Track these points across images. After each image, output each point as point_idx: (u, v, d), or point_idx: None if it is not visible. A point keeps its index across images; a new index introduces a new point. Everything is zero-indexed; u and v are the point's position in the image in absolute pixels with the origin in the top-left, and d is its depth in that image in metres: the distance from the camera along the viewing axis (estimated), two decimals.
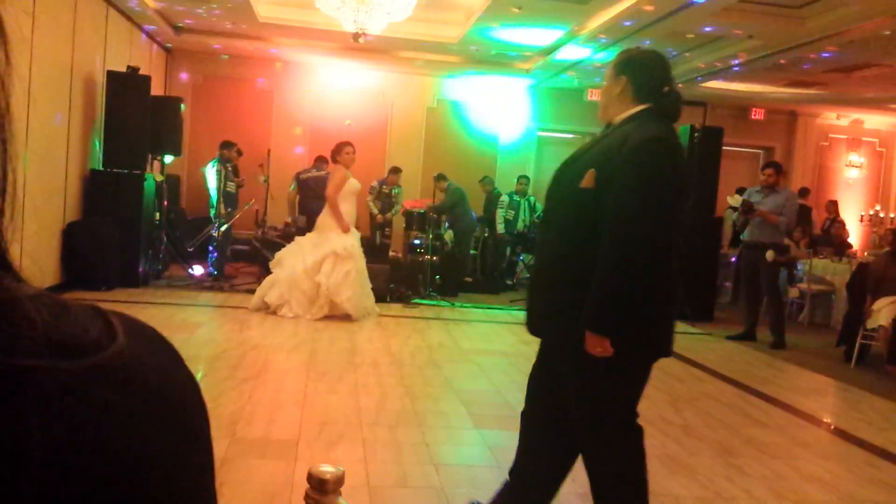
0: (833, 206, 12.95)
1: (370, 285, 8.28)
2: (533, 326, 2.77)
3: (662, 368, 6.90)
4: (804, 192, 12.53)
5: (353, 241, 8.02)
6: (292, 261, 7.99)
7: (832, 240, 11.74)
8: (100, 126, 9.34)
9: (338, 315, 7.91)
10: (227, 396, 4.86)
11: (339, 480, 0.88)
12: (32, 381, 0.38)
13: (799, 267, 10.15)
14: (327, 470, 0.89)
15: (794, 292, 8.64)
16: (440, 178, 11.19)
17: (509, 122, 13.48)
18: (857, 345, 7.47)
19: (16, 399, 0.38)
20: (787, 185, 14.49)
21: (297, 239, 8.35)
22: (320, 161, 10.68)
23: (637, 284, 2.48)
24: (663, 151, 2.53)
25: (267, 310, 7.92)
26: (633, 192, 2.47)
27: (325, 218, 8.10)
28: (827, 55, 9.56)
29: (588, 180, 2.56)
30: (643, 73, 2.68)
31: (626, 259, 2.46)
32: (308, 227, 9.06)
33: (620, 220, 2.47)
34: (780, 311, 8.50)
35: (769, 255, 8.10)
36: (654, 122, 2.61)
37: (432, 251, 9.98)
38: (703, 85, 12.09)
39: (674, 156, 2.55)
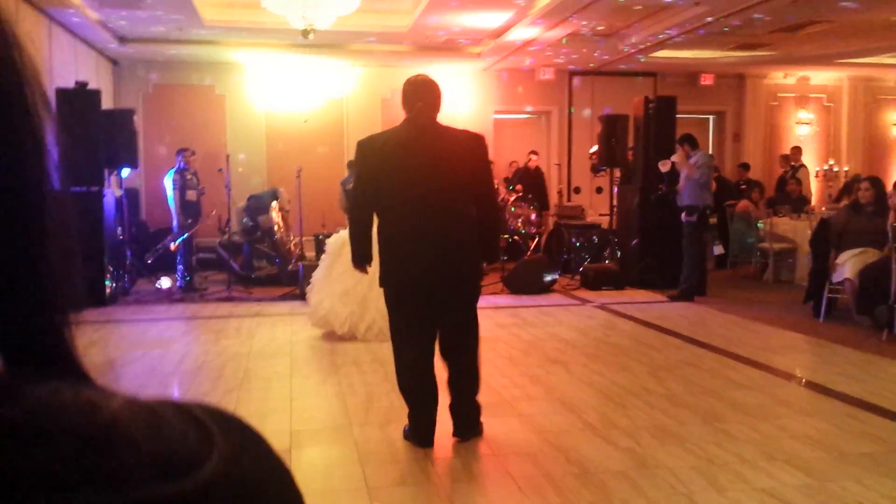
0: (791, 155, 12.97)
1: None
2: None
3: (638, 339, 7.02)
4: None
5: None
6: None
7: (788, 197, 11.79)
8: (51, 145, 9.15)
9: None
10: None
11: None
12: None
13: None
14: None
15: (718, 249, 10.81)
16: None
17: (465, 106, 13.45)
18: (824, 299, 7.62)
19: None
20: (734, 149, 14.74)
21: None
22: None
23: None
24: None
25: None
26: None
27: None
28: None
29: None
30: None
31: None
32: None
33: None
34: (692, 269, 8.96)
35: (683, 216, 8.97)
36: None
37: None
38: (652, 55, 12.19)
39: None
